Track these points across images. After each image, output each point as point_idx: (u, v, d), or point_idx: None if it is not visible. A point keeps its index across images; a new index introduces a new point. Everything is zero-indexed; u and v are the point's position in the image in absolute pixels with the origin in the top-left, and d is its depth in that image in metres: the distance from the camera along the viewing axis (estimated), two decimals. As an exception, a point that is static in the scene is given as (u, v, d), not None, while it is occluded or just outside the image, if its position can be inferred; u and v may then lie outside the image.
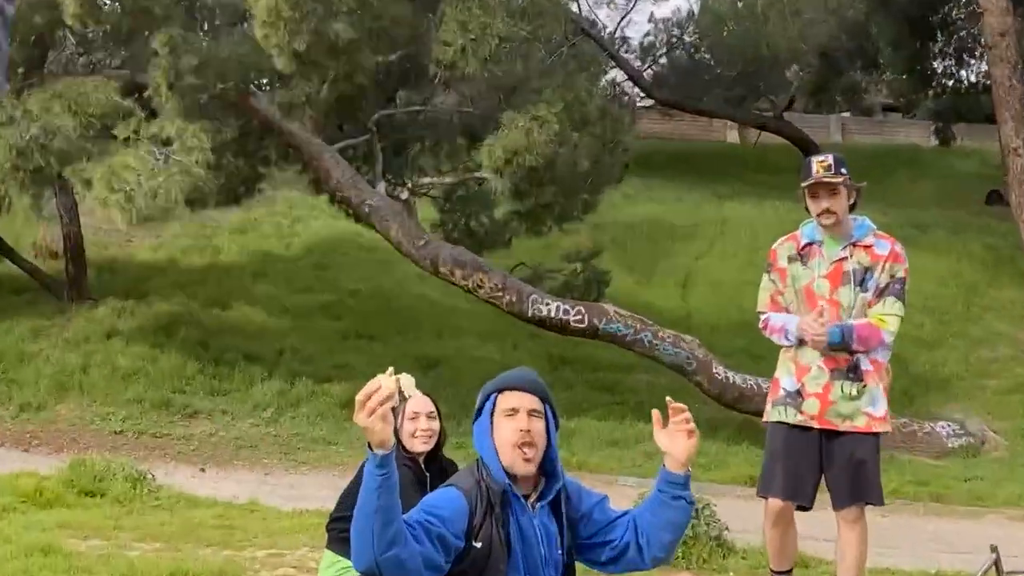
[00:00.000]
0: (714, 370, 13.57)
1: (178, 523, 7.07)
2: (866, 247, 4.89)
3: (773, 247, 5.15)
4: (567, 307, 13.46)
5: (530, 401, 3.15)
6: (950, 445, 13.32)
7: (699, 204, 24.00)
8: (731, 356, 15.32)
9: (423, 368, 15.43)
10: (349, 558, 4.38)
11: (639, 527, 3.27)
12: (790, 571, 5.06)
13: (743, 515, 8.17)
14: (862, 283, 4.82)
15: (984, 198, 25.80)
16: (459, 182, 15.93)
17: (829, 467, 4.82)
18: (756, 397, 13.32)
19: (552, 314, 13.37)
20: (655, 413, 3.22)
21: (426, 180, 15.82)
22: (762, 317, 5.09)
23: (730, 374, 13.62)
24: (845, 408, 4.76)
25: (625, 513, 3.35)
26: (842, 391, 4.75)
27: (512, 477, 3.07)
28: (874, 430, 4.83)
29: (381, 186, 14.37)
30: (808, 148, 26.24)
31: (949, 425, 13.72)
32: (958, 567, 6.78)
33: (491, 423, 3.15)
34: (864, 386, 4.78)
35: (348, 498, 4.57)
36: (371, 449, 2.64)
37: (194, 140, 11.69)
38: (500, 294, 13.32)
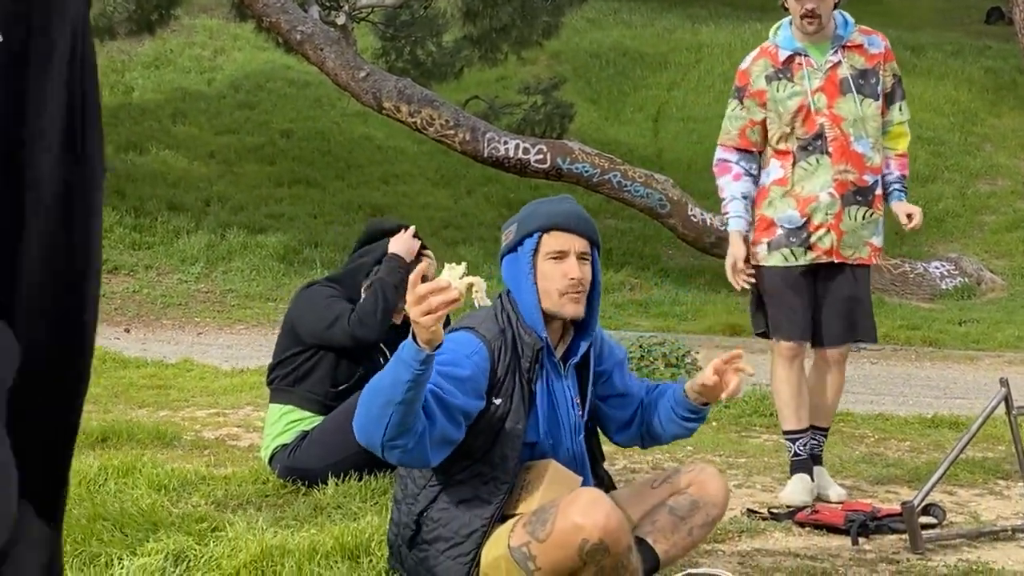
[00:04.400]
0: (690, 212, 13.59)
1: (106, 384, 7.04)
2: (857, 47, 4.73)
3: (742, 67, 4.83)
4: (527, 145, 13.32)
5: (580, 244, 3.12)
6: (944, 286, 13.58)
7: (672, 29, 23.65)
8: (708, 197, 15.27)
9: (368, 216, 15.36)
10: (298, 407, 4.45)
11: (645, 422, 3.36)
12: (808, 430, 4.80)
13: (724, 364, 8.31)
14: (862, 89, 4.66)
15: (984, 16, 25.67)
16: (402, 4, 15.53)
17: (824, 303, 4.75)
18: (736, 240, 13.43)
19: (510, 153, 13.24)
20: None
21: (365, 2, 15.39)
22: (719, 158, 4.82)
23: (707, 216, 13.65)
24: (854, 239, 4.67)
25: (638, 393, 3.38)
26: (850, 218, 4.64)
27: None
28: (875, 262, 4.83)
29: (314, 10, 13.96)
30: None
31: (943, 265, 13.96)
32: (955, 413, 6.96)
33: (532, 265, 3.09)
34: (873, 213, 4.68)
35: (287, 338, 4.60)
36: (415, 341, 2.60)
37: (96, -43, 11.23)
38: (452, 132, 13.13)
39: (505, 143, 13.21)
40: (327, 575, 3.17)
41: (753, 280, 4.71)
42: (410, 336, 2.61)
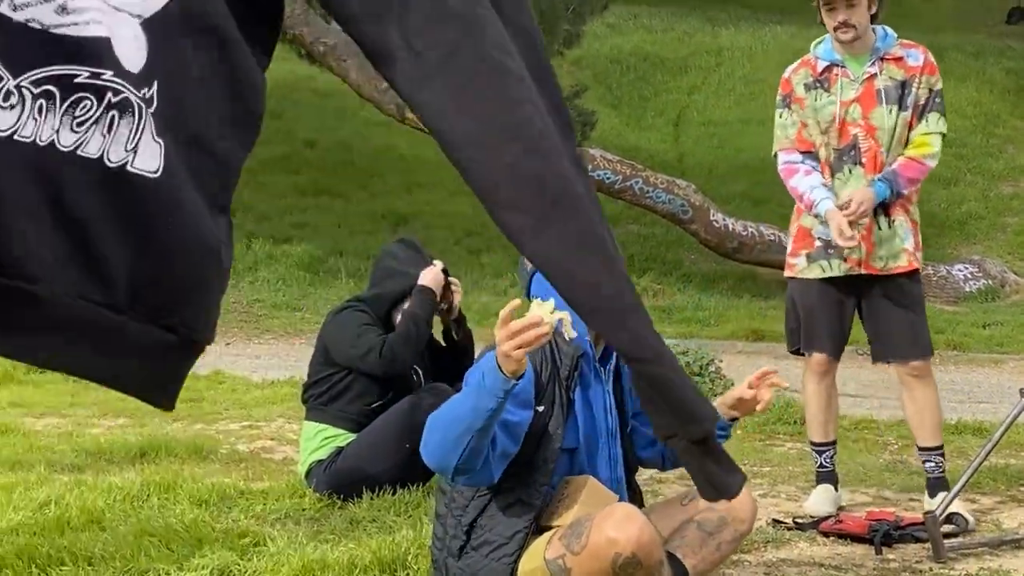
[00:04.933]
0: (711, 217, 13.66)
1: (140, 398, 7.17)
2: (896, 59, 4.74)
3: (785, 76, 4.89)
4: (549, 153, 13.35)
5: None
6: (967, 289, 13.58)
7: (692, 33, 23.69)
8: (730, 202, 15.42)
9: (392, 226, 15.49)
10: (332, 425, 4.58)
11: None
12: (834, 443, 4.90)
13: (747, 371, 8.38)
14: (899, 101, 4.68)
15: (1005, 17, 25.62)
16: (424, 15, 15.57)
17: (879, 318, 4.74)
18: (758, 246, 13.47)
19: (532, 161, 13.26)
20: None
21: (387, 13, 15.43)
22: (784, 162, 4.79)
23: (729, 221, 13.72)
24: (888, 248, 4.67)
25: None
26: (880, 228, 4.66)
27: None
28: (916, 265, 4.75)
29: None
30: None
31: (966, 267, 13.96)
32: (979, 417, 7.01)
33: None
34: (893, 220, 4.69)
35: (320, 359, 4.74)
36: (501, 371, 2.73)
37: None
38: (475, 140, 13.19)
39: (527, 151, 13.27)
40: (366, 588, 3.29)
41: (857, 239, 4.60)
42: (494, 367, 2.74)
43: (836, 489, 4.81)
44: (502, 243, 15.14)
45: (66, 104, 1.33)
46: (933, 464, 4.77)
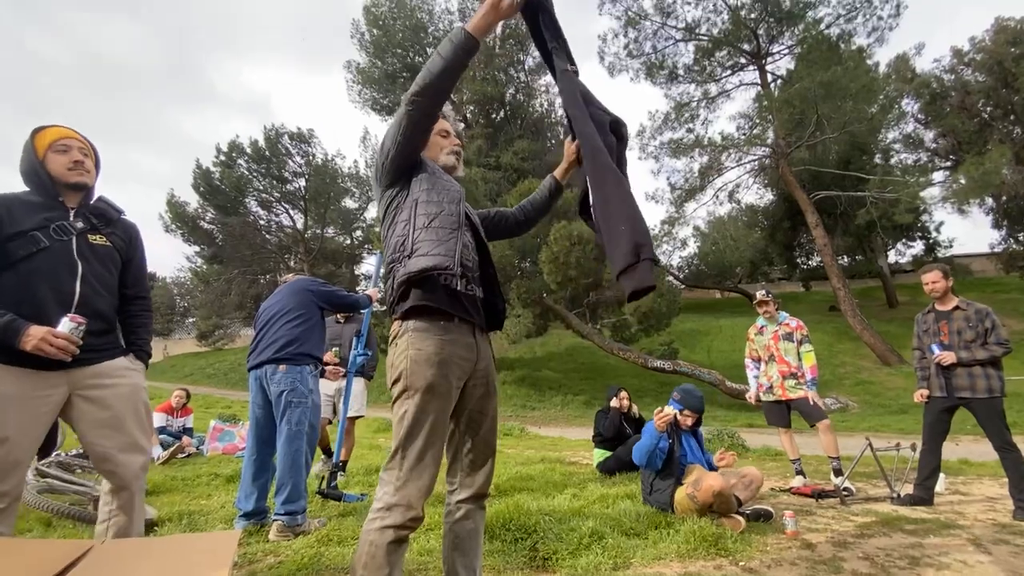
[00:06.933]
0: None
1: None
2: None
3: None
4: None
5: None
6: None
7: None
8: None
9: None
10: (600, 448, 11.25)
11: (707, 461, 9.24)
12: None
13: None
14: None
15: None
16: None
17: None
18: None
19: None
20: None
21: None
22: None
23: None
24: None
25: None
26: None
27: None
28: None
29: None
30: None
31: None
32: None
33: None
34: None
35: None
36: (659, 432, 8.35)
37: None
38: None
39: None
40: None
41: None
42: (655, 430, 7.97)
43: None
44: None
45: None
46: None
